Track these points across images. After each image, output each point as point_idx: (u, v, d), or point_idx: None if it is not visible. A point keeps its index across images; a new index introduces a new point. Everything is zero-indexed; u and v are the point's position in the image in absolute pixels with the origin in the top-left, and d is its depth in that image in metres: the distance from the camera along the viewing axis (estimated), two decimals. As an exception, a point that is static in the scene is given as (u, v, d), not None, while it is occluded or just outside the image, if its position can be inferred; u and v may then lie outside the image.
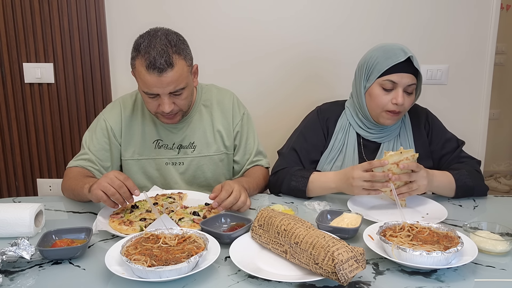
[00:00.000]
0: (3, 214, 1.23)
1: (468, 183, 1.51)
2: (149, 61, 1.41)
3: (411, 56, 1.48)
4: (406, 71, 1.49)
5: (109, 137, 1.64)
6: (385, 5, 2.24)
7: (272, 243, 1.12)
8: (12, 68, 2.31)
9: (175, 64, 1.43)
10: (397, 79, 1.50)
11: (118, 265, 1.04)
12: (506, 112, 4.18)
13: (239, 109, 1.73)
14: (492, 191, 3.89)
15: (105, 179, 1.28)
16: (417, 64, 1.51)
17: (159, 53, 1.40)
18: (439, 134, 1.66)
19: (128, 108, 1.67)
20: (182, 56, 1.46)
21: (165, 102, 1.48)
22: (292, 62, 2.31)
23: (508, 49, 4.06)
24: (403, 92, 1.51)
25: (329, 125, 1.68)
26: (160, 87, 1.44)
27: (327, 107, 1.73)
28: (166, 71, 1.41)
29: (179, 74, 1.45)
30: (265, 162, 1.74)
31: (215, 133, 1.69)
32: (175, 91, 1.47)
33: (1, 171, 2.44)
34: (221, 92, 1.75)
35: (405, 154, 1.36)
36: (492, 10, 2.23)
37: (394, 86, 1.51)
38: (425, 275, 1.05)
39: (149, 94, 1.48)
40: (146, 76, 1.43)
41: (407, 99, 1.52)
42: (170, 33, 1.48)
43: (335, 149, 1.64)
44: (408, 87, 1.51)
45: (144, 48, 1.43)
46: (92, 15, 2.26)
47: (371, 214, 1.39)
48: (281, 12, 2.26)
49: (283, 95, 2.36)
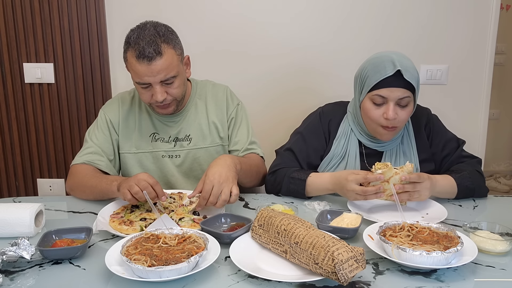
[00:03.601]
0: (3, 214, 1.23)
1: (469, 186, 1.50)
2: (138, 51, 1.46)
3: (402, 70, 1.40)
4: (396, 85, 1.42)
5: (109, 130, 1.68)
6: (384, 5, 2.24)
7: (272, 243, 1.13)
8: (12, 68, 2.31)
9: (164, 53, 1.47)
10: (386, 94, 1.44)
11: (118, 265, 1.04)
12: (506, 112, 4.18)
13: (233, 101, 1.76)
14: (492, 191, 3.89)
15: (133, 179, 1.33)
16: (411, 76, 1.42)
17: (148, 43, 1.46)
18: (439, 136, 1.64)
19: (126, 102, 1.72)
20: (171, 46, 1.50)
21: (157, 91, 1.51)
22: (290, 61, 2.31)
23: (508, 49, 4.06)
24: (395, 106, 1.45)
25: (331, 128, 1.64)
26: (150, 76, 1.48)
27: (330, 108, 1.70)
28: (155, 59, 1.46)
29: (168, 63, 1.49)
30: (259, 151, 1.73)
31: (210, 125, 1.71)
32: (166, 79, 1.50)
33: (1, 171, 2.44)
34: (216, 87, 1.79)
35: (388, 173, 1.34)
36: (492, 10, 2.23)
37: (384, 101, 1.45)
38: (425, 275, 1.05)
39: (141, 84, 1.52)
40: (137, 66, 1.48)
41: (401, 112, 1.46)
42: (158, 25, 1.53)
43: (336, 156, 1.61)
44: (401, 100, 1.44)
45: (134, 40, 1.48)
46: (92, 15, 2.26)
47: (371, 214, 1.39)
48: (281, 11, 2.26)
49: (281, 94, 2.35)
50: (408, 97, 1.45)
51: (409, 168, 1.35)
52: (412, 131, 1.63)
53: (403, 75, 1.41)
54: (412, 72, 1.43)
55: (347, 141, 1.61)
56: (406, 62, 1.44)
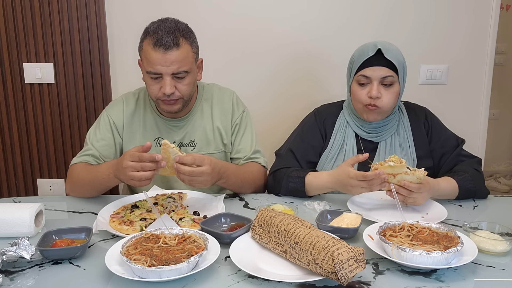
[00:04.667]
0: (3, 214, 1.23)
1: (471, 189, 1.51)
2: (156, 39, 1.46)
3: (382, 49, 1.50)
4: (378, 64, 1.52)
5: (113, 132, 1.66)
6: (385, 5, 2.24)
7: (272, 243, 1.13)
8: (12, 68, 2.31)
9: (181, 45, 1.48)
10: (369, 73, 1.53)
11: (118, 265, 1.04)
12: (506, 112, 4.18)
13: (238, 107, 1.74)
14: (492, 191, 3.87)
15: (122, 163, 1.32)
16: (392, 56, 1.51)
17: (167, 33, 1.46)
18: (438, 133, 1.66)
19: (130, 104, 1.69)
20: (188, 42, 1.51)
21: (167, 83, 1.49)
22: (290, 61, 2.31)
23: (508, 49, 4.06)
24: (379, 85, 1.53)
25: (326, 126, 1.69)
26: (164, 65, 1.47)
27: (324, 108, 1.75)
28: (172, 49, 1.46)
29: (184, 56, 1.49)
30: (262, 160, 1.72)
31: (215, 130, 1.70)
32: (178, 72, 1.49)
33: (1, 171, 2.44)
34: (222, 91, 1.76)
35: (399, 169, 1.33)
36: (492, 10, 2.23)
37: (368, 81, 1.54)
38: (425, 275, 1.05)
39: (152, 74, 1.50)
40: (152, 53, 1.47)
41: (386, 92, 1.53)
42: (180, 22, 1.54)
43: (334, 148, 1.65)
44: (384, 79, 1.52)
45: (153, 29, 1.49)
46: (92, 15, 2.26)
47: (371, 214, 1.39)
48: (280, 10, 2.26)
49: (281, 94, 2.35)
50: (391, 77, 1.52)
51: (420, 175, 1.34)
52: (408, 124, 1.65)
53: (384, 54, 1.50)
54: (394, 53, 1.53)
55: (344, 134, 1.66)
56: (388, 45, 1.54)
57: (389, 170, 1.34)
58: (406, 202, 1.39)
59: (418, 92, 2.31)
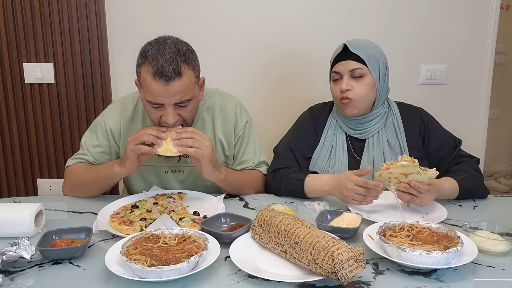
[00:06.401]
0: (3, 214, 1.23)
1: (471, 189, 1.51)
2: (156, 68, 1.34)
3: (348, 45, 1.55)
4: (345, 58, 1.57)
5: (109, 139, 1.62)
6: (385, 5, 2.24)
7: (272, 243, 1.13)
8: (12, 68, 2.31)
9: (183, 74, 1.36)
10: (339, 69, 1.59)
11: (118, 265, 1.04)
12: (506, 112, 4.18)
13: (242, 118, 1.68)
14: (492, 191, 3.88)
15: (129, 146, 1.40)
16: (359, 50, 1.55)
17: (168, 61, 1.34)
18: (436, 134, 1.65)
19: (128, 111, 1.63)
20: (190, 67, 1.40)
21: (169, 113, 1.40)
22: (287, 61, 2.31)
23: (508, 49, 4.06)
24: (349, 79, 1.57)
25: (319, 123, 1.74)
26: (165, 97, 1.37)
27: (318, 107, 1.80)
28: (174, 80, 1.35)
29: (186, 85, 1.38)
30: (264, 169, 1.70)
31: (216, 142, 1.65)
32: (181, 102, 1.40)
33: (1, 171, 2.44)
34: (225, 98, 1.69)
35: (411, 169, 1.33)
36: (492, 10, 2.23)
37: (340, 76, 1.59)
38: (425, 275, 1.05)
39: (153, 104, 1.40)
40: (152, 84, 1.36)
41: (357, 85, 1.57)
42: (179, 42, 1.42)
43: (326, 145, 1.69)
44: (353, 72, 1.56)
45: (152, 55, 1.36)
46: (92, 15, 2.26)
47: (371, 214, 1.39)
48: (276, 11, 2.25)
49: (276, 94, 2.35)
50: (360, 69, 1.57)
51: (431, 175, 1.34)
52: (401, 124, 1.65)
53: (350, 49, 1.56)
54: (362, 48, 1.57)
55: (334, 132, 1.70)
56: (358, 41, 1.59)
57: (401, 169, 1.33)
58: (413, 202, 1.38)
59: (418, 92, 2.31)
